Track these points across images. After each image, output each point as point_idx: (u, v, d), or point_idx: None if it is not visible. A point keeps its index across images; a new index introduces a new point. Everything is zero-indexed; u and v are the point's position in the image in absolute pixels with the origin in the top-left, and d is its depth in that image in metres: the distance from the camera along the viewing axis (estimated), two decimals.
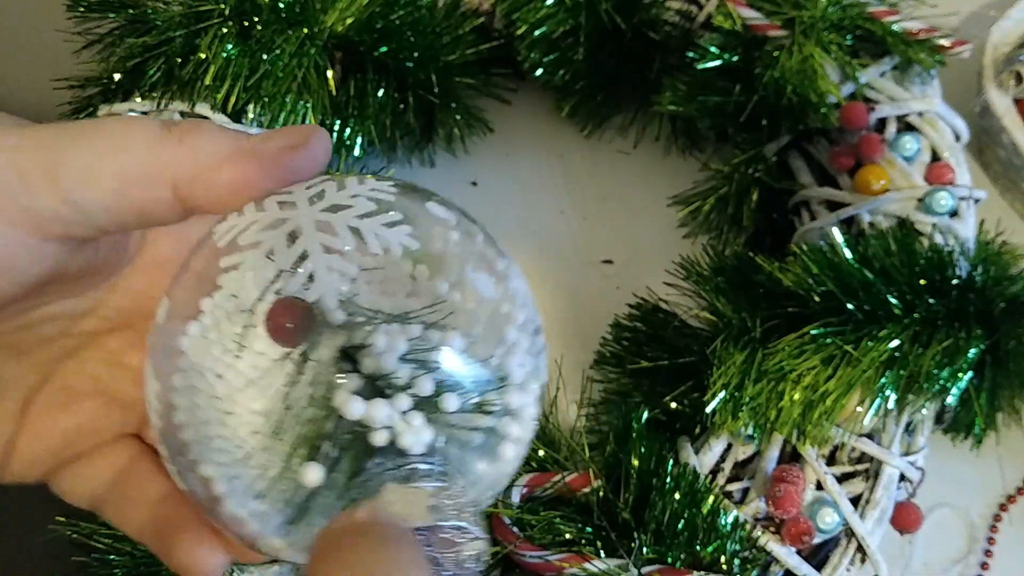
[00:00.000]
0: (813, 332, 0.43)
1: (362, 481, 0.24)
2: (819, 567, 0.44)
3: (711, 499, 0.42)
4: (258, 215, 0.26)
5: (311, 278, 0.24)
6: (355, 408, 0.24)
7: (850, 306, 0.44)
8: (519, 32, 0.60)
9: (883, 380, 0.43)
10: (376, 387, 0.24)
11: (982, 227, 0.51)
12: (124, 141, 0.27)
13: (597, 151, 0.69)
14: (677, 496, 0.41)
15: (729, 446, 0.46)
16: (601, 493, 0.42)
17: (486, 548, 0.24)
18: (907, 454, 0.47)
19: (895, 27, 0.55)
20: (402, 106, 0.59)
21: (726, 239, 0.61)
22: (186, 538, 0.30)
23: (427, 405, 0.24)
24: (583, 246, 0.65)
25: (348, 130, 0.57)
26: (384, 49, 0.56)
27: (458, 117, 0.63)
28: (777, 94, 0.54)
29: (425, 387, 0.24)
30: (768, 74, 0.54)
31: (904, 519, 0.46)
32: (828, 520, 0.44)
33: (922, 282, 0.45)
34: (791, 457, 0.46)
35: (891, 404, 0.44)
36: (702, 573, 0.40)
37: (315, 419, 0.24)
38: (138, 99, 0.54)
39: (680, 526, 0.41)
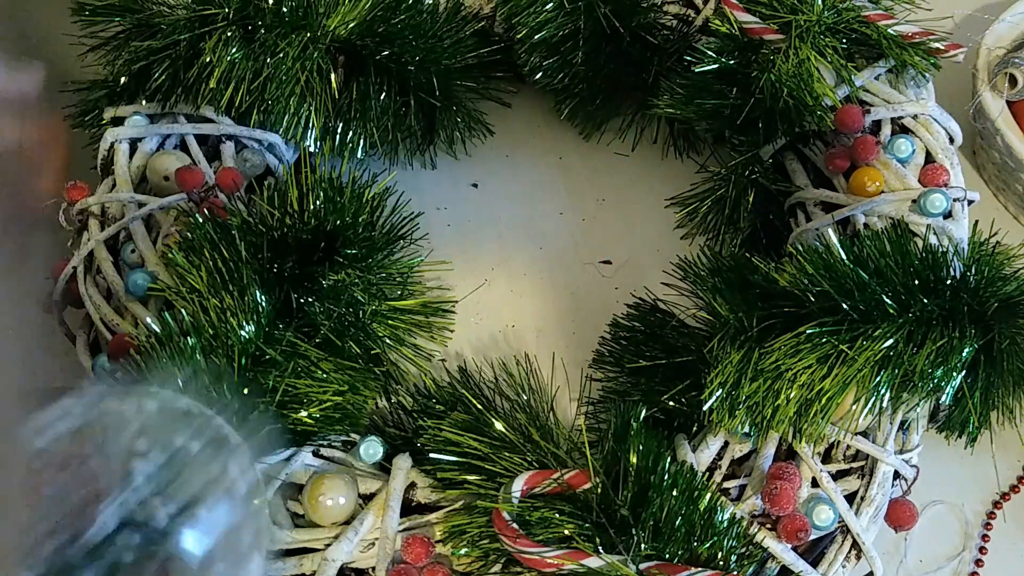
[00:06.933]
0: (809, 331, 0.44)
1: None
2: (815, 563, 0.45)
3: (708, 496, 0.42)
4: None
5: None
6: None
7: (845, 306, 0.44)
8: (519, 36, 0.61)
9: (878, 379, 0.44)
10: None
11: (976, 228, 0.51)
12: None
13: (596, 153, 0.70)
14: (675, 493, 0.42)
15: (726, 444, 0.47)
16: (600, 490, 0.42)
17: None
18: (902, 452, 0.47)
19: (890, 31, 0.55)
20: (404, 109, 0.60)
21: (723, 240, 0.62)
22: None
23: None
24: (582, 246, 0.65)
25: (350, 133, 0.58)
26: (386, 52, 0.56)
27: (459, 120, 0.64)
28: (773, 97, 0.55)
29: None
30: (764, 77, 0.55)
31: (899, 516, 0.47)
32: (824, 517, 0.44)
33: (916, 282, 0.45)
34: (787, 455, 0.46)
35: (886, 402, 0.44)
36: (699, 569, 0.41)
37: None
38: (143, 102, 0.54)
39: (677, 523, 0.41)
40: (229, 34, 0.52)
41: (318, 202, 0.47)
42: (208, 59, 0.52)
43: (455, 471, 0.44)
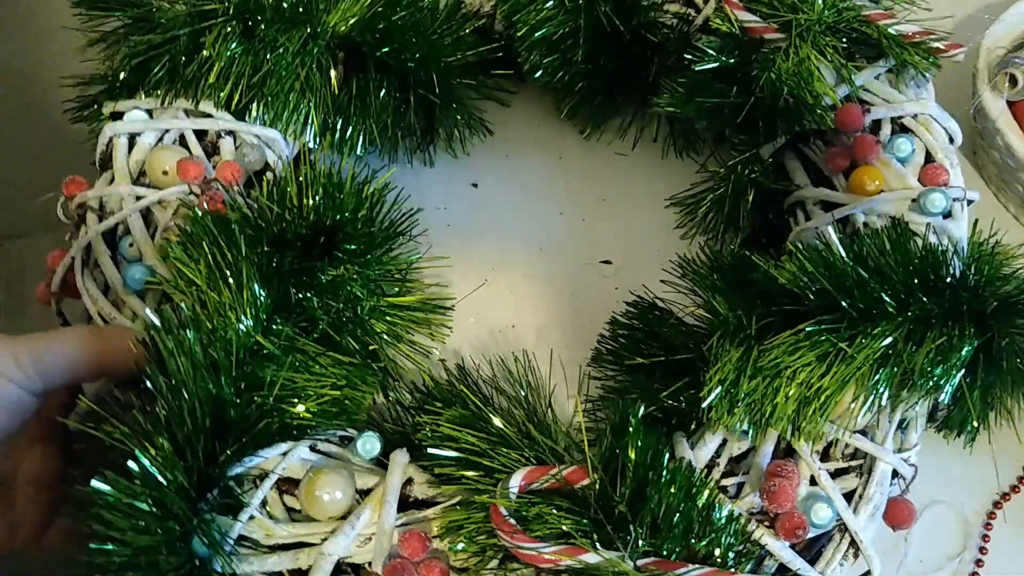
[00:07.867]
0: (808, 329, 0.44)
1: None
2: (813, 562, 0.45)
3: (706, 493, 0.42)
4: None
5: None
6: None
7: (845, 304, 0.44)
8: (519, 34, 0.61)
9: (877, 377, 0.44)
10: None
11: (976, 227, 0.51)
12: None
13: (596, 152, 0.70)
14: (673, 490, 0.41)
15: (724, 441, 0.47)
16: (598, 486, 0.42)
17: None
18: (900, 451, 0.47)
19: (890, 30, 0.55)
20: (403, 106, 0.60)
21: (723, 239, 0.62)
22: None
23: None
24: (582, 246, 0.65)
25: (350, 129, 0.58)
26: (386, 49, 0.56)
27: (459, 118, 0.64)
28: (773, 96, 0.55)
29: None
30: (765, 76, 0.55)
31: (897, 515, 0.47)
32: (822, 515, 0.44)
33: (916, 281, 0.45)
34: (786, 452, 0.46)
35: (885, 401, 0.44)
36: (697, 566, 0.41)
37: None
38: (142, 97, 0.54)
39: (675, 520, 0.41)
40: (229, 29, 0.52)
41: (317, 197, 0.47)
42: (208, 54, 0.52)
43: (453, 467, 0.44)
